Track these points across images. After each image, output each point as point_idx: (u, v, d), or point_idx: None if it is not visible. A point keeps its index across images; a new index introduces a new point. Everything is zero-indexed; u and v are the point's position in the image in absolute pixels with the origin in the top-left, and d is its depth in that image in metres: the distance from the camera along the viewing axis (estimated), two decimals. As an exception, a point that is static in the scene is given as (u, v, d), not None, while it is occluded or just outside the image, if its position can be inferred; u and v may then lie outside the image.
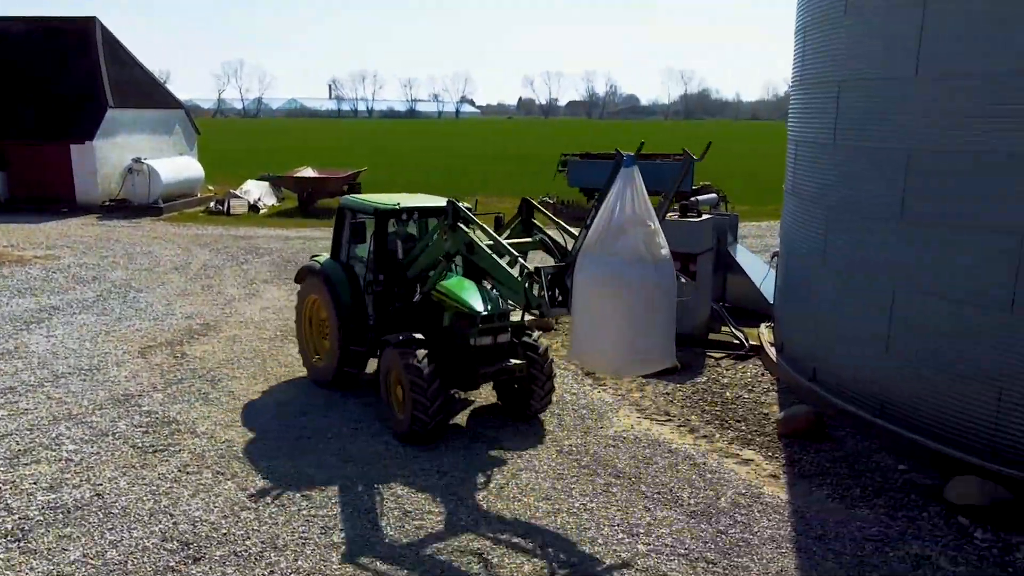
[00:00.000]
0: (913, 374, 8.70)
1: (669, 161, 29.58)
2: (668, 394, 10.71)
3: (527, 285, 7.83)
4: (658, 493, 7.95)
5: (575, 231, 8.01)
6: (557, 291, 7.86)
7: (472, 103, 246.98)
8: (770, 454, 8.88)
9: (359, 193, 30.51)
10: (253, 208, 29.36)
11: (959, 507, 7.50)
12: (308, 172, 31.81)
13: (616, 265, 6.90)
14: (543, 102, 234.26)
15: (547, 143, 70.35)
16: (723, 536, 7.15)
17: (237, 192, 30.38)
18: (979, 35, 7.79)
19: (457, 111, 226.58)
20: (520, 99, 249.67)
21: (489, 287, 9.46)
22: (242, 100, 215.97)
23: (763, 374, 11.53)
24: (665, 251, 7.09)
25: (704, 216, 13.46)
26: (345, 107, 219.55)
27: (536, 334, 9.66)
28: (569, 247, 8.15)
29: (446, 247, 9.01)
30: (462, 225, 8.72)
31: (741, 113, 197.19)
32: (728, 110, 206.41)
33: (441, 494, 7.83)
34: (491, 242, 8.62)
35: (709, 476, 8.33)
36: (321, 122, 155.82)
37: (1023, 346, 7.65)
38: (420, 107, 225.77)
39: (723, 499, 7.84)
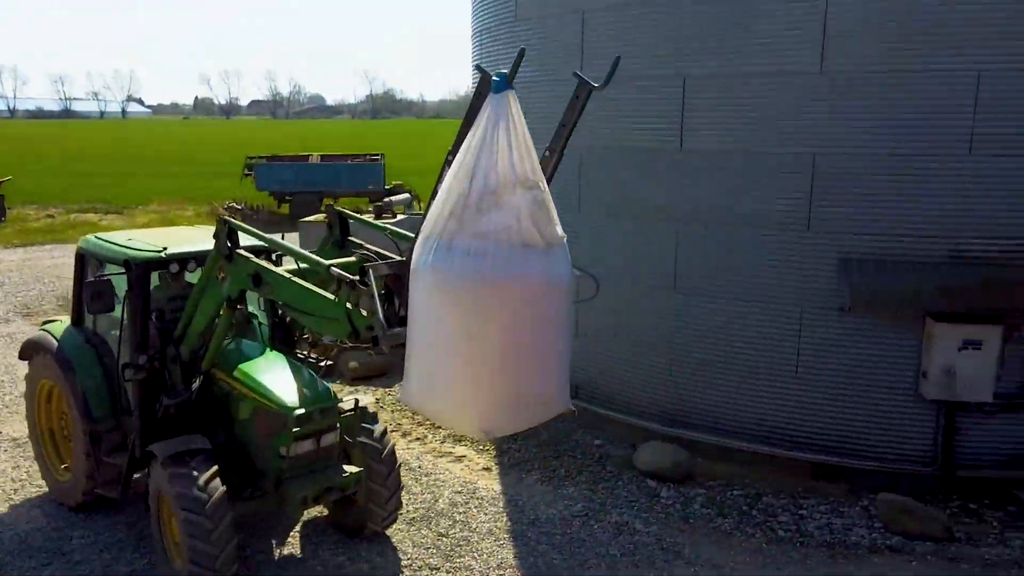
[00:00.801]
0: (601, 354, 9.45)
1: (362, 161, 29.44)
2: (378, 400, 10.54)
3: (349, 305, 5.06)
4: (376, 505, 7.74)
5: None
6: (397, 302, 5.27)
7: (141, 102, 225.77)
8: (481, 448, 9.10)
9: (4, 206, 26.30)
10: None
11: (647, 472, 8.29)
12: (-71, 184, 26.52)
13: (487, 256, 4.23)
14: (223, 102, 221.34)
15: (230, 145, 66.38)
16: (444, 538, 7.14)
17: None
18: (628, 40, 8.62)
19: (123, 111, 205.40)
20: (196, 98, 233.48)
21: (305, 353, 7.24)
22: None
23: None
24: (560, 230, 4.53)
25: (399, 217, 13.48)
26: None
27: (376, 420, 7.05)
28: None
29: (225, 291, 6.12)
30: (244, 251, 6.01)
31: (426, 112, 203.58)
32: (413, 109, 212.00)
33: (132, 549, 6.87)
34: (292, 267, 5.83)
35: (425, 479, 8.30)
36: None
37: (685, 320, 8.66)
38: (77, 106, 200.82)
39: (441, 500, 7.86)
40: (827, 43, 7.54)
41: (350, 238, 6.80)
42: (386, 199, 20.27)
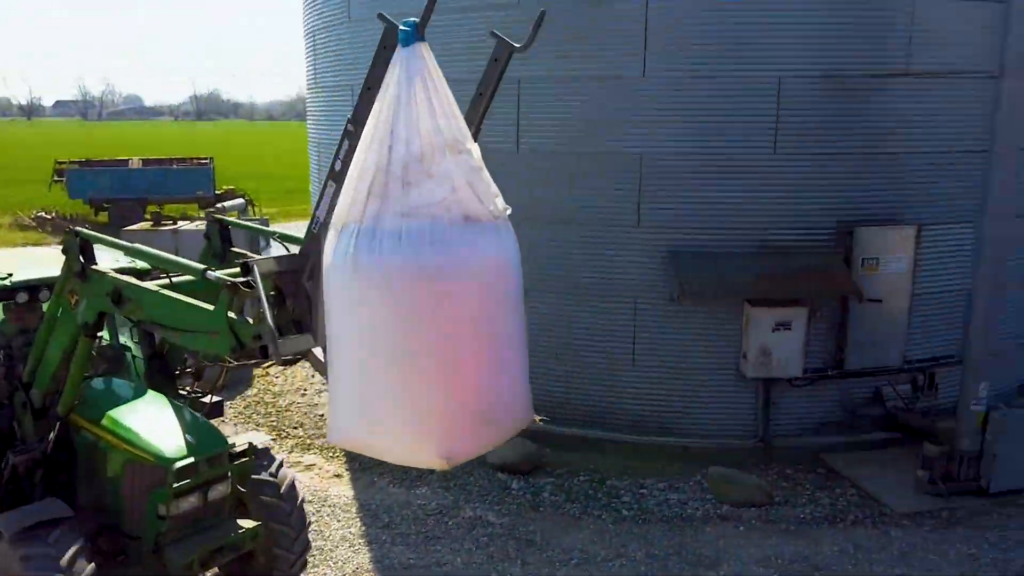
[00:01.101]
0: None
1: (189, 165, 27.94)
2: (218, 414, 10.12)
3: (231, 313, 4.13)
4: (222, 523, 7.44)
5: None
6: (291, 304, 4.23)
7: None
8: (331, 455, 8.96)
9: None
10: None
11: (498, 465, 8.49)
12: None
13: (425, 236, 3.36)
14: (24, 102, 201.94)
15: (34, 148, 60.74)
16: (296, 550, 6.99)
17: None
18: (464, 43, 8.79)
19: None
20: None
21: (188, 390, 6.26)
22: None
23: (313, 376, 11.59)
24: (502, 201, 3.81)
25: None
26: None
27: (277, 463, 6.03)
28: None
29: (81, 316, 5.08)
30: (101, 267, 5.04)
31: (256, 114, 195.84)
32: (242, 111, 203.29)
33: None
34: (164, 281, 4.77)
35: (274, 491, 8.08)
36: None
37: (527, 316, 8.93)
38: None
39: (291, 511, 7.68)
40: (648, 49, 8.07)
41: (232, 248, 5.89)
42: (219, 204, 19.40)
